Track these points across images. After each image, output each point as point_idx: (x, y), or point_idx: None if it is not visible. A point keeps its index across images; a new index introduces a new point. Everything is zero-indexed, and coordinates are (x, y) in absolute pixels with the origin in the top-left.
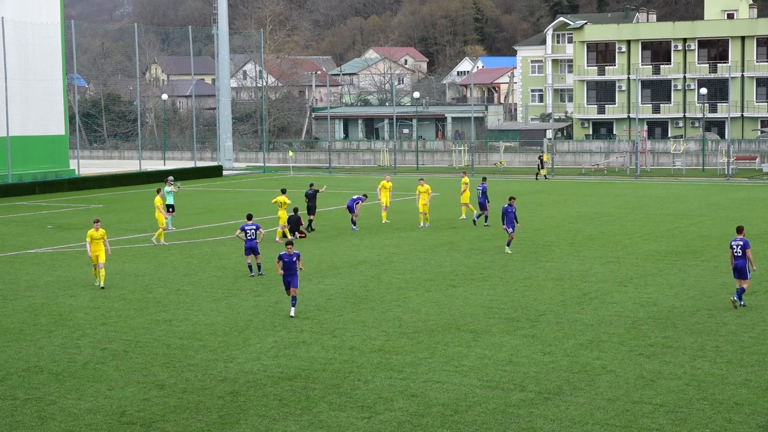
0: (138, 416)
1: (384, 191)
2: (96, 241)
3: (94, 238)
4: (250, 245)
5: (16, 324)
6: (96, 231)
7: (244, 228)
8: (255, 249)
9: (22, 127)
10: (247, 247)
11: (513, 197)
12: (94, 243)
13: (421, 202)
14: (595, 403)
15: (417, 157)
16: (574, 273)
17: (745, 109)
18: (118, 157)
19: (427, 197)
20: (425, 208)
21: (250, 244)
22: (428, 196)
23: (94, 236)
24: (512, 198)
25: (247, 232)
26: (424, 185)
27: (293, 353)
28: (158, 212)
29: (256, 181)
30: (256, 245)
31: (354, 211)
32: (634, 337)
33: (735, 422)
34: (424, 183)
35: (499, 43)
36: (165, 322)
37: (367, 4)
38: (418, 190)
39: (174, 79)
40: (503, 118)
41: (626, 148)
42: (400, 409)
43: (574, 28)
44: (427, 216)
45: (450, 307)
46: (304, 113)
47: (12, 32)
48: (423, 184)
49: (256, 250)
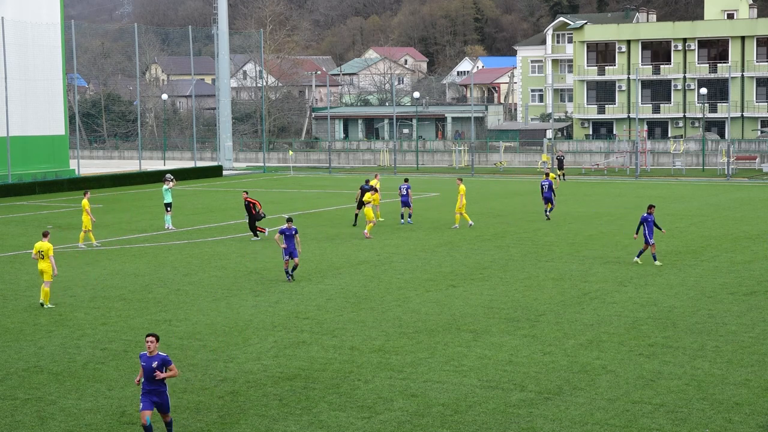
0: (138, 416)
1: None
2: (43, 255)
3: (41, 252)
4: (290, 250)
5: (16, 324)
6: (44, 243)
7: (284, 231)
8: (294, 253)
9: (22, 127)
10: (286, 251)
11: (653, 205)
12: (41, 261)
13: (460, 203)
14: (595, 403)
15: (417, 157)
16: (574, 273)
17: (745, 109)
18: (118, 157)
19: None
20: (462, 208)
21: (290, 248)
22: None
23: (41, 249)
24: (651, 206)
25: (286, 236)
26: (461, 185)
27: (293, 353)
28: (86, 215)
29: (256, 181)
30: (294, 249)
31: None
32: (634, 337)
33: (735, 422)
34: (461, 183)
35: (499, 43)
36: (165, 322)
37: (367, 4)
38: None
39: (174, 79)
40: (503, 118)
41: (626, 148)
42: (400, 409)
43: (574, 28)
44: (466, 216)
45: (450, 307)
46: (304, 113)
47: (12, 32)
48: (460, 184)
49: (295, 254)
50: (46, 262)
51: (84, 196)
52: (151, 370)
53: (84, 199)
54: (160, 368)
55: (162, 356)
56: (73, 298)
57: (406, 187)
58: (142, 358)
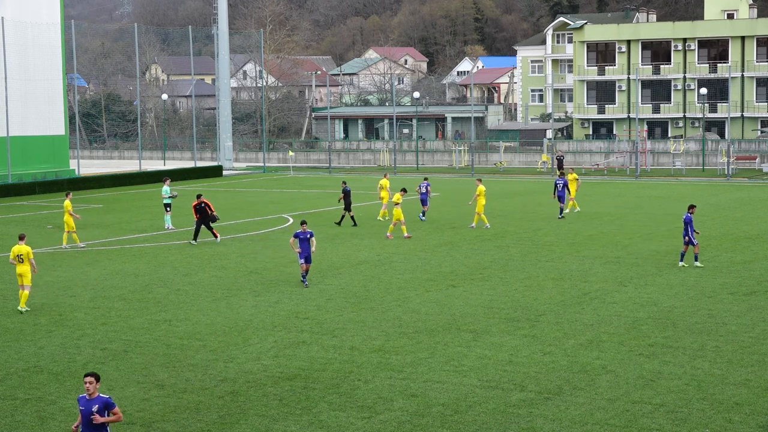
0: (138, 416)
1: (383, 190)
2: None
3: (20, 256)
4: (305, 254)
5: (16, 324)
6: (22, 247)
7: (298, 235)
8: (309, 258)
9: (22, 127)
10: (302, 255)
11: (694, 205)
12: (19, 265)
13: (480, 203)
14: (595, 403)
15: (417, 157)
16: (574, 273)
17: (745, 109)
18: (118, 157)
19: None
20: (481, 209)
21: (305, 252)
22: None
23: (20, 253)
24: (693, 206)
25: (301, 240)
26: (480, 185)
27: (293, 353)
28: (68, 215)
29: (256, 181)
30: (310, 253)
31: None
32: (634, 337)
33: (735, 422)
34: (480, 183)
35: (499, 43)
36: (165, 322)
37: (367, 4)
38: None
39: (174, 79)
40: (503, 118)
41: (626, 148)
42: (400, 409)
43: (574, 28)
44: (483, 217)
45: (450, 307)
46: (304, 113)
47: (12, 32)
48: (480, 184)
49: (310, 258)
50: (25, 265)
51: (66, 197)
52: (89, 414)
53: (66, 200)
54: (101, 412)
55: (104, 398)
56: (73, 298)
57: (425, 185)
58: (80, 402)
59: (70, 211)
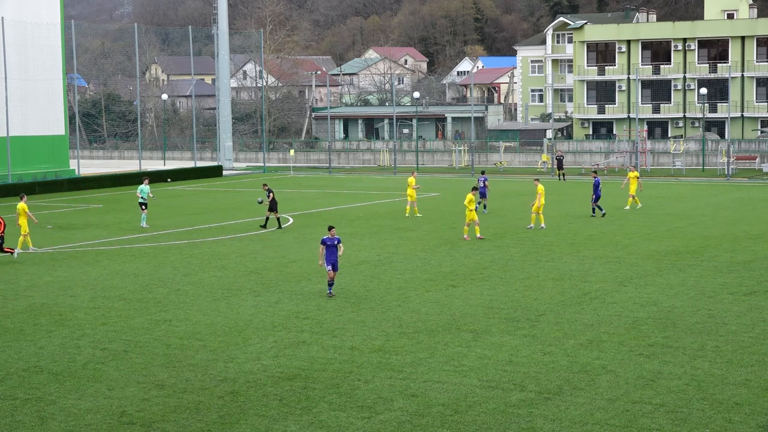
0: (138, 416)
1: (409, 188)
2: None
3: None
4: (332, 260)
5: (16, 324)
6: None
7: (325, 241)
8: (335, 264)
9: (22, 127)
10: (329, 262)
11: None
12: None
13: (538, 203)
14: (595, 403)
15: (417, 157)
16: (574, 273)
17: (745, 109)
18: (118, 157)
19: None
20: (540, 209)
21: (332, 258)
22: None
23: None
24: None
25: (328, 246)
26: (539, 185)
27: (293, 353)
28: (23, 218)
29: (256, 181)
30: (336, 260)
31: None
32: (634, 337)
33: (735, 422)
34: (539, 183)
35: (499, 43)
36: (165, 322)
37: (367, 4)
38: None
39: (174, 79)
40: (503, 118)
41: (626, 148)
42: (400, 409)
43: (574, 28)
44: (541, 217)
45: (450, 307)
46: (304, 113)
47: (12, 32)
48: (538, 184)
49: (336, 266)
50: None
51: (21, 200)
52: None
53: (21, 202)
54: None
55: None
56: (73, 298)
57: (483, 179)
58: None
59: (28, 213)
